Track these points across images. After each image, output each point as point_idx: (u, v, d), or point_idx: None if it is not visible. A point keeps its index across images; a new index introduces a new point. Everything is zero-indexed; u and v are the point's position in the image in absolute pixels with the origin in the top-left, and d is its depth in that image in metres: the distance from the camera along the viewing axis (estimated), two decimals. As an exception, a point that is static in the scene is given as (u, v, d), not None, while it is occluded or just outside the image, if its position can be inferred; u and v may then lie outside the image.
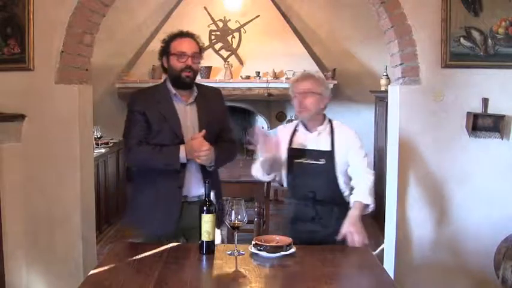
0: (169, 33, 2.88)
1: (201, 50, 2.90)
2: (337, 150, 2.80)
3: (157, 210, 2.80)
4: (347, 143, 2.82)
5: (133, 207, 2.94)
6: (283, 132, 2.96)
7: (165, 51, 2.84)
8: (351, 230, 2.62)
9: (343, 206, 2.79)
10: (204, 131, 2.72)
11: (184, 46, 2.80)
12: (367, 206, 2.74)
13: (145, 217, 2.83)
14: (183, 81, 2.81)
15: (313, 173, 2.81)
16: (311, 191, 2.81)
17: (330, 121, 2.91)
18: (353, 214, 2.69)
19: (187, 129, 2.80)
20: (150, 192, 2.82)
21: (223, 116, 3.01)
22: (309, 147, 2.84)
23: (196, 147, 2.68)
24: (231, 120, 3.09)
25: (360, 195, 2.74)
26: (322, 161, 2.79)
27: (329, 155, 2.80)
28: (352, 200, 2.75)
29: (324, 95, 2.84)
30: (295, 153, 2.85)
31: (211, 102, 2.92)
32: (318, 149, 2.82)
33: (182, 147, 2.72)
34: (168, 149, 2.74)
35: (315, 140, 2.85)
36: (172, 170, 2.73)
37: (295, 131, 2.91)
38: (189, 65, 2.78)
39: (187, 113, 2.83)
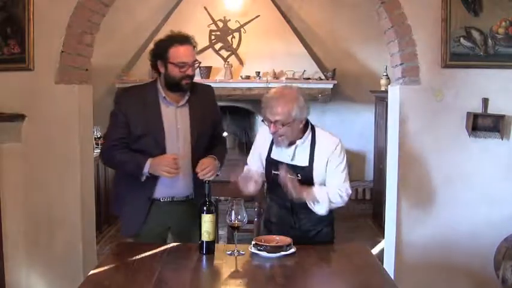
0: (164, 35, 2.77)
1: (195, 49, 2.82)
2: (316, 164, 2.64)
3: (126, 210, 2.82)
4: (327, 155, 2.64)
5: (115, 196, 2.99)
6: (262, 137, 2.82)
7: (161, 56, 2.72)
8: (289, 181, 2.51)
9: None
10: (176, 156, 2.66)
11: (185, 55, 2.70)
12: (315, 199, 2.60)
13: (120, 211, 2.88)
14: (182, 89, 2.76)
15: None
16: (290, 202, 2.69)
17: (313, 130, 2.69)
18: (295, 183, 2.55)
19: (178, 132, 2.77)
20: (124, 190, 2.84)
21: (215, 115, 2.97)
22: (286, 161, 2.66)
23: (162, 164, 2.64)
24: (221, 115, 3.04)
25: (318, 190, 2.61)
26: (298, 177, 2.63)
27: (306, 171, 2.64)
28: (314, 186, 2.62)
29: (298, 118, 2.58)
30: (273, 164, 2.70)
31: (203, 101, 2.88)
32: (295, 163, 2.65)
33: (148, 163, 2.66)
34: (135, 160, 2.71)
35: (292, 154, 2.67)
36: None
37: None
38: (189, 75, 2.73)
39: (177, 117, 2.78)
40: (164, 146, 2.73)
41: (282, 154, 2.70)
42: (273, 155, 2.74)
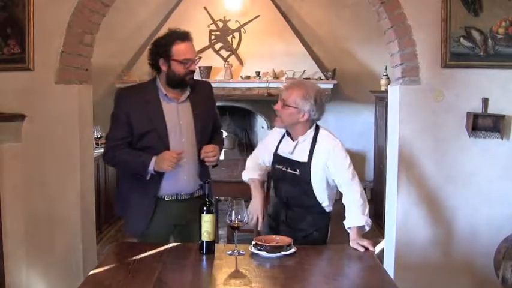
0: (163, 33, 2.80)
1: None
2: (314, 162, 2.73)
3: (131, 209, 2.82)
4: (326, 156, 2.72)
5: (118, 197, 2.99)
6: (273, 135, 2.94)
7: (164, 54, 2.73)
8: (358, 247, 2.58)
9: (319, 214, 2.79)
10: (180, 151, 2.70)
11: (188, 52, 2.73)
12: (362, 226, 2.66)
13: (124, 212, 2.89)
14: (185, 85, 2.79)
15: (289, 181, 2.79)
16: (286, 197, 2.82)
17: (317, 130, 2.80)
18: (352, 238, 2.63)
19: (180, 128, 2.78)
20: (129, 189, 2.84)
21: (214, 110, 3.02)
22: (288, 156, 2.79)
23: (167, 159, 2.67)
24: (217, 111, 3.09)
25: (352, 220, 2.66)
26: (297, 172, 2.75)
27: (304, 167, 2.73)
28: (346, 225, 2.69)
29: (302, 109, 2.70)
30: (278, 159, 2.85)
31: (203, 97, 2.91)
32: (295, 159, 2.77)
33: (153, 160, 2.68)
34: (140, 159, 2.71)
35: (294, 149, 2.78)
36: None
37: (283, 136, 2.87)
38: (193, 70, 2.77)
39: (179, 113, 2.80)
40: (168, 142, 2.74)
41: (286, 149, 2.83)
42: (279, 151, 2.86)
